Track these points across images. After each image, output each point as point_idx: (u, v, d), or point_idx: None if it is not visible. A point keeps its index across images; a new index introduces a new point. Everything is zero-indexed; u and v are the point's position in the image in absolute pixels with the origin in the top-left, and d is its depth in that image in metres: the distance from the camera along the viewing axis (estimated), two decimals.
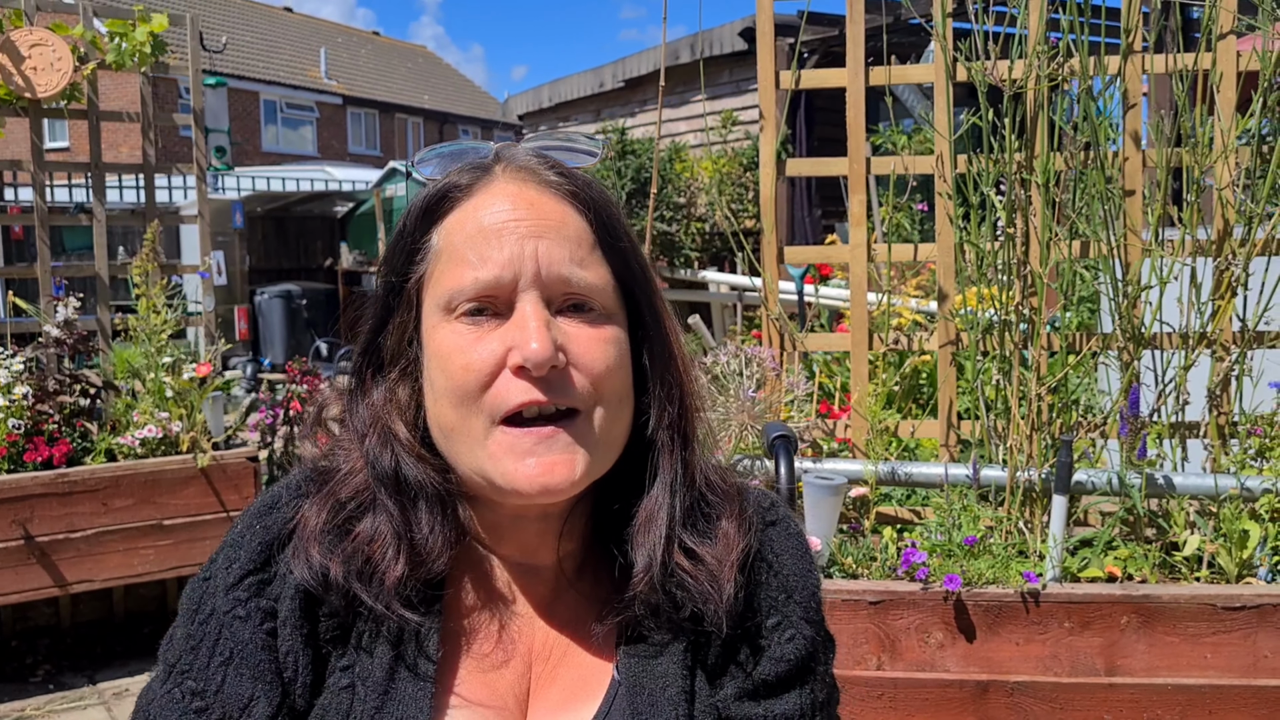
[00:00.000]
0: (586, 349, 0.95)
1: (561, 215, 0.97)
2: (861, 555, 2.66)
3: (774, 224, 3.16)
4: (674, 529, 0.99)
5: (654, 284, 1.04)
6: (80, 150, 20.60)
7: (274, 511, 1.01)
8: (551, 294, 0.95)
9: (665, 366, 1.02)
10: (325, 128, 31.61)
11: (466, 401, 0.94)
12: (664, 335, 1.02)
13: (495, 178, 0.99)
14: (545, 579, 1.04)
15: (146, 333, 4.33)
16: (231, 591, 0.96)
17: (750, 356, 2.95)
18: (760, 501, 1.10)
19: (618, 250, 1.00)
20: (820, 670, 1.05)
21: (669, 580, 0.98)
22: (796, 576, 1.05)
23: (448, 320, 0.96)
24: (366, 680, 0.95)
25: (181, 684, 0.95)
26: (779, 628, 1.03)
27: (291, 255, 15.72)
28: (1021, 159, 2.84)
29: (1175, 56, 2.84)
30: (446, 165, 1.02)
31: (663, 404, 1.01)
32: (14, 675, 4.19)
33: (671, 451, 1.01)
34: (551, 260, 0.94)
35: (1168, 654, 2.40)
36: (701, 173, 9.41)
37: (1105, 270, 2.84)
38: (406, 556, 0.96)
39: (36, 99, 4.46)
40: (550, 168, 1.00)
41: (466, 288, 0.94)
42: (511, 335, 0.93)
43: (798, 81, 3.14)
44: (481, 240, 0.95)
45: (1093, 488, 2.68)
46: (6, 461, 3.97)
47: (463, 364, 0.94)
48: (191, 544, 4.18)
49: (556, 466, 0.93)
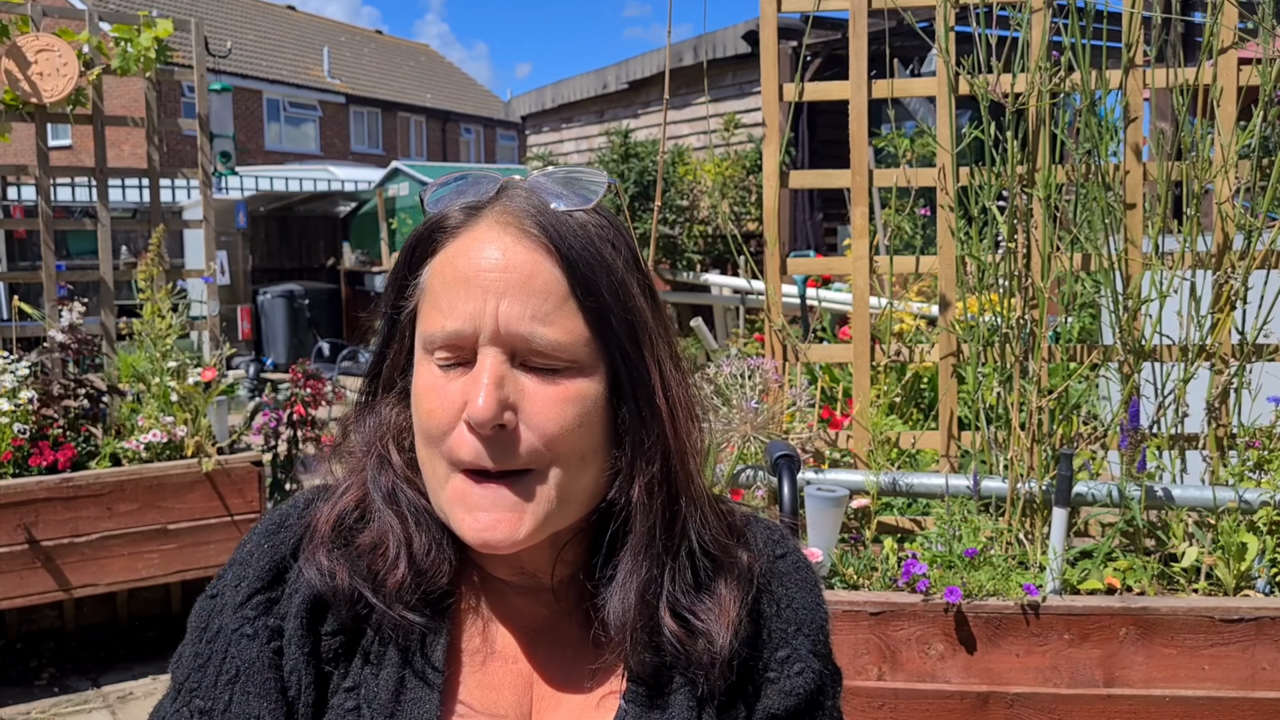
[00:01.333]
0: (540, 409, 0.93)
1: (532, 268, 0.94)
2: (863, 566, 2.67)
3: (777, 236, 3.18)
4: (651, 592, 0.98)
5: (642, 332, 0.99)
6: (83, 149, 20.63)
7: (282, 531, 1.03)
8: (511, 349, 0.94)
9: (644, 424, 0.98)
10: (328, 126, 31.64)
11: (430, 443, 0.95)
12: (648, 391, 0.98)
13: (481, 220, 0.97)
14: (545, 602, 1.05)
15: (151, 337, 4.35)
16: (239, 610, 0.98)
17: (753, 367, 2.96)
18: (770, 535, 1.10)
19: (593, 307, 0.95)
20: (829, 705, 1.06)
21: (656, 640, 0.98)
22: (805, 610, 1.06)
23: (427, 359, 0.97)
24: (372, 701, 0.96)
25: (190, 703, 0.96)
26: (788, 661, 1.03)
27: (294, 255, 15.75)
28: (1023, 172, 2.86)
29: (1176, 71, 2.85)
30: (453, 199, 1.00)
31: (637, 463, 0.98)
32: (19, 678, 4.21)
33: (649, 509, 0.98)
34: (511, 318, 0.92)
35: (1166, 666, 2.42)
36: (704, 176, 9.43)
37: (1105, 283, 2.85)
38: (408, 562, 0.97)
39: (42, 104, 4.48)
40: (532, 215, 0.96)
41: (436, 335, 0.95)
42: (468, 389, 0.93)
43: (801, 94, 3.15)
44: (454, 288, 0.94)
45: (1093, 499, 2.70)
46: (12, 466, 3.99)
47: (428, 408, 0.95)
48: (196, 548, 4.20)
49: (499, 524, 0.93)
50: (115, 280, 4.83)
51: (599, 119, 13.41)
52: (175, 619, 4.72)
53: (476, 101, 38.92)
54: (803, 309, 5.33)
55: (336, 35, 35.15)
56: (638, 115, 12.62)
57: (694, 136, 11.50)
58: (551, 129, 14.73)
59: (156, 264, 4.48)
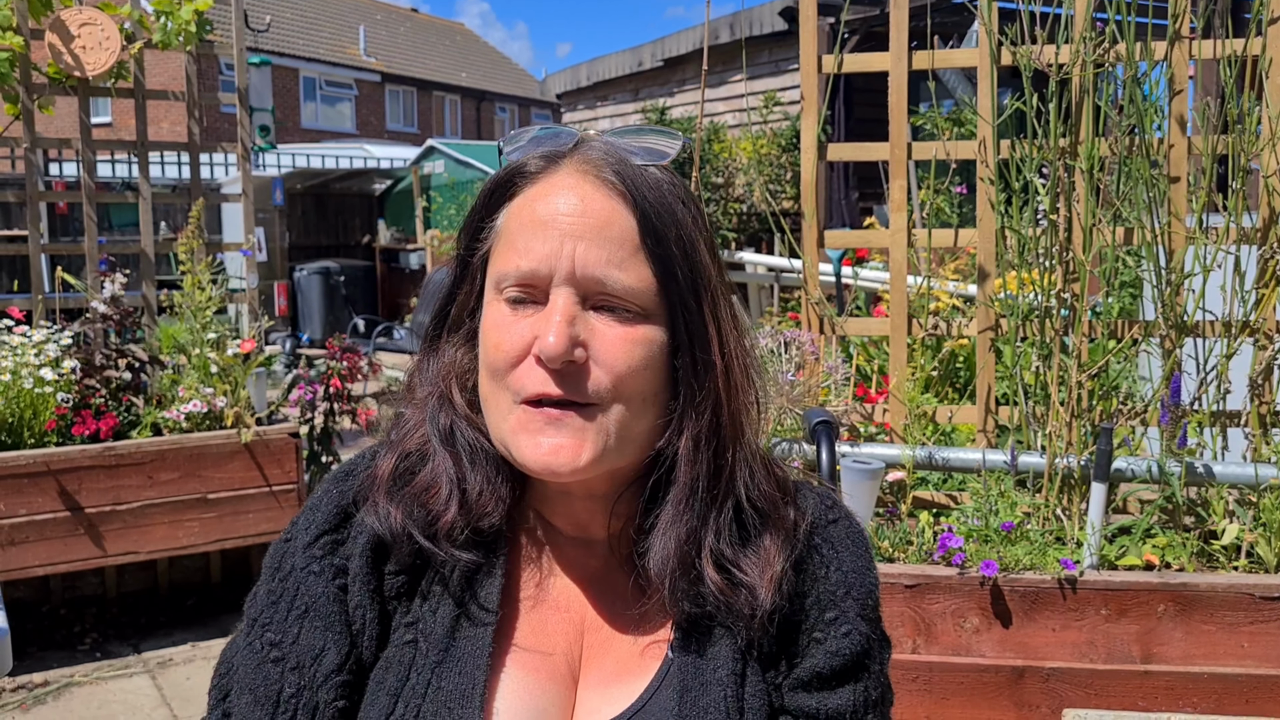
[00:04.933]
0: (610, 347, 0.97)
1: (609, 215, 0.98)
2: (898, 539, 2.67)
3: (815, 209, 3.16)
4: (692, 543, 1.00)
5: (704, 289, 1.02)
6: (122, 126, 20.81)
7: (350, 478, 1.08)
8: (586, 291, 0.97)
9: (699, 375, 1.00)
10: (364, 105, 31.75)
11: (496, 376, 0.99)
12: (705, 344, 1.01)
13: (560, 169, 1.01)
14: (598, 553, 1.08)
15: (192, 309, 4.40)
16: (308, 550, 1.03)
17: (789, 340, 2.96)
18: (823, 500, 1.12)
19: (661, 255, 0.99)
20: (875, 669, 1.06)
21: (698, 590, 1.00)
22: (855, 573, 1.07)
23: (497, 299, 1.00)
24: (429, 636, 1.00)
25: (262, 636, 1.01)
26: (835, 622, 1.04)
27: (330, 232, 15.84)
28: (1066, 144, 2.83)
29: (1224, 42, 2.81)
30: (529, 149, 1.05)
31: (687, 412, 1.01)
32: (63, 642, 4.29)
33: (694, 461, 1.00)
34: (588, 262, 0.96)
35: (1204, 642, 2.40)
36: (740, 154, 9.38)
37: (1149, 257, 2.82)
38: (459, 503, 1.01)
39: (85, 78, 4.53)
40: (611, 163, 1.01)
41: (510, 274, 0.98)
42: (539, 325, 0.96)
43: (840, 65, 3.13)
44: (531, 230, 0.98)
45: (1132, 475, 2.68)
46: (55, 434, 4.05)
47: (495, 342, 0.99)
48: (235, 517, 4.26)
49: (562, 449, 0.96)
50: (155, 254, 4.89)
51: (634, 97, 13.37)
52: (214, 588, 4.78)
53: (511, 80, 38.91)
54: (838, 286, 5.31)
55: (373, 14, 35.21)
56: (673, 93, 12.57)
57: (729, 114, 11.44)
58: (587, 107, 14.71)
59: (197, 237, 4.53)
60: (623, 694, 1.02)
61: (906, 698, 2.48)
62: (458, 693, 0.97)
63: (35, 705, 3.77)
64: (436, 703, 0.97)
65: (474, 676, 0.98)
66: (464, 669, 0.99)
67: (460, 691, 0.97)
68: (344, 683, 0.99)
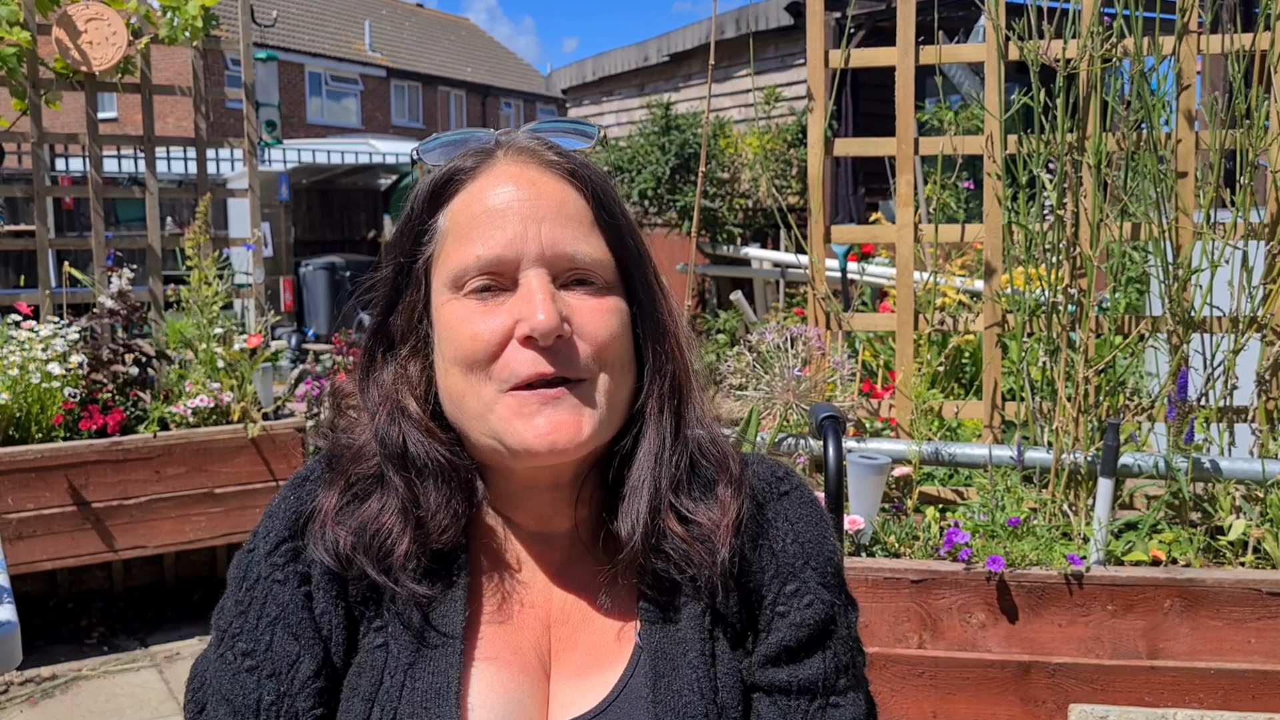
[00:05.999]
0: (590, 319, 0.99)
1: (562, 194, 1.02)
2: (904, 534, 2.67)
3: (821, 204, 3.16)
4: (659, 496, 1.02)
5: (648, 259, 1.07)
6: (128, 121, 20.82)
7: (305, 484, 1.08)
8: (556, 269, 0.99)
9: (657, 339, 1.05)
10: (369, 100, 31.75)
11: (474, 369, 0.98)
12: (657, 309, 1.06)
13: (498, 160, 1.03)
14: (560, 546, 1.08)
15: (198, 304, 4.41)
16: (270, 557, 1.03)
17: (796, 335, 2.96)
18: (775, 471, 1.12)
19: (614, 227, 1.04)
20: (842, 633, 1.07)
21: (662, 543, 1.02)
22: (812, 543, 1.08)
23: (456, 297, 1.00)
24: (399, 639, 1.00)
25: (233, 647, 1.01)
26: (797, 594, 1.05)
27: (335, 227, 15.83)
28: (1073, 139, 2.82)
29: (1232, 36, 2.80)
30: (450, 152, 1.06)
31: (652, 375, 1.04)
32: (70, 636, 4.30)
33: (660, 420, 1.04)
34: (556, 239, 0.99)
35: (1211, 638, 2.40)
36: (745, 149, 9.37)
37: (1156, 253, 2.81)
38: (412, 530, 1.01)
39: (92, 72, 4.53)
40: (549, 149, 1.04)
41: (471, 265, 0.99)
42: (518, 308, 0.97)
43: (847, 60, 3.13)
44: (486, 220, 0.99)
45: (1139, 471, 2.67)
46: (63, 429, 4.06)
47: (470, 334, 0.98)
48: (242, 512, 4.27)
49: (564, 425, 0.97)
50: (161, 249, 4.89)
51: (640, 92, 13.35)
52: (221, 582, 4.74)
53: (516, 76, 38.88)
54: (843, 282, 5.30)
55: (378, 9, 35.19)
56: (679, 88, 12.55)
57: (735, 109, 11.42)
58: (592, 102, 14.69)
59: (203, 232, 4.53)
60: (596, 685, 1.02)
61: (912, 693, 2.48)
62: (432, 691, 0.97)
63: (43, 699, 3.78)
64: (412, 703, 0.97)
65: (448, 674, 0.98)
66: (437, 668, 0.99)
67: (435, 690, 0.97)
68: (321, 689, 0.99)
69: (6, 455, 3.87)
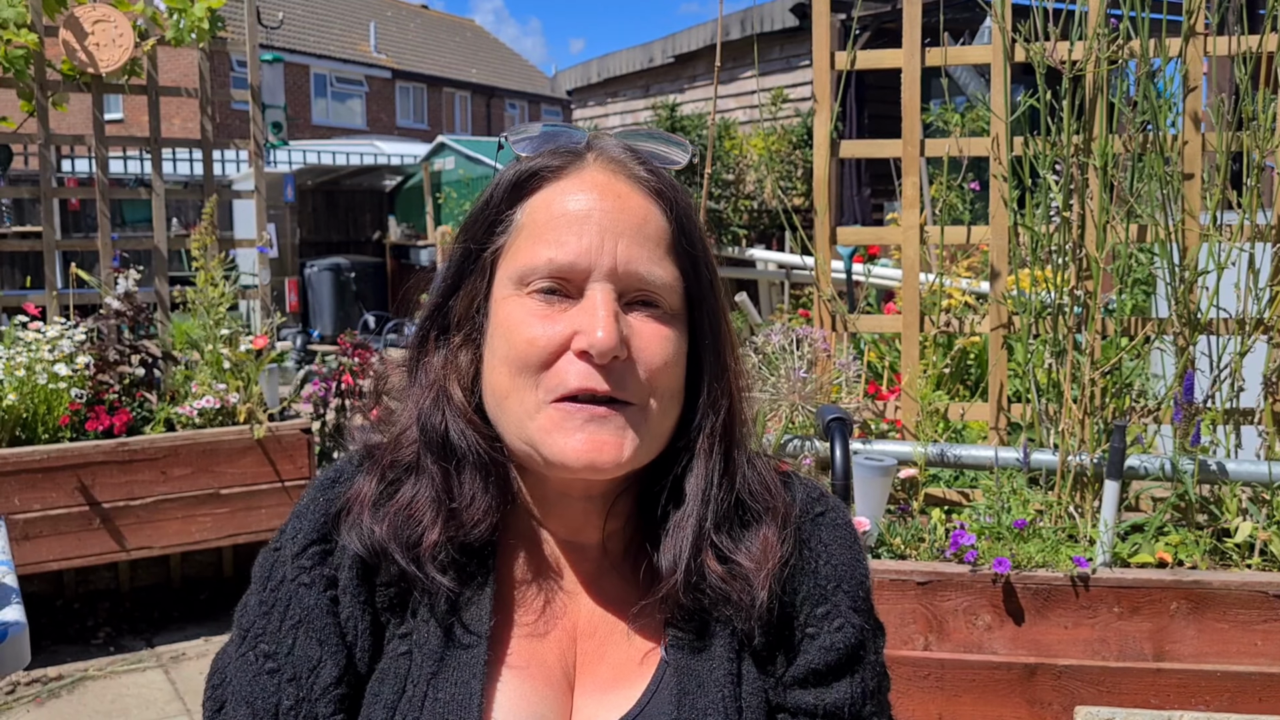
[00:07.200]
0: (648, 344, 0.97)
1: (645, 212, 0.99)
2: (910, 536, 2.67)
3: (827, 206, 3.16)
4: (703, 535, 1.00)
5: (720, 293, 1.05)
6: (134, 122, 20.86)
7: (336, 485, 1.06)
8: (624, 287, 0.97)
9: (715, 375, 1.03)
10: (374, 101, 31.81)
11: (524, 372, 0.97)
12: (719, 345, 1.04)
13: (586, 165, 1.01)
14: (591, 557, 1.07)
15: (205, 305, 4.41)
16: (297, 560, 1.01)
17: (801, 336, 2.96)
18: (810, 492, 1.11)
19: (690, 255, 1.01)
20: (870, 659, 1.06)
21: (701, 582, 1.00)
22: (845, 566, 1.06)
23: (519, 294, 0.98)
24: (423, 646, 0.99)
25: (255, 647, 0.99)
26: (828, 616, 1.04)
27: (340, 228, 15.86)
28: (1079, 141, 2.82)
29: (1239, 38, 2.80)
30: (540, 145, 1.03)
31: (705, 410, 1.02)
32: (76, 636, 4.31)
33: (709, 457, 1.02)
34: (630, 258, 0.97)
35: (1217, 640, 2.39)
36: (751, 150, 9.37)
37: (1162, 254, 2.81)
38: (444, 521, 0.99)
39: (98, 74, 4.54)
40: (641, 163, 1.02)
41: (541, 266, 0.97)
42: (579, 320, 0.95)
43: (853, 62, 3.13)
44: (564, 223, 0.97)
45: (1145, 473, 2.67)
46: (69, 430, 4.07)
47: (528, 337, 0.96)
48: (248, 513, 4.27)
49: (605, 446, 0.95)
50: (168, 250, 4.90)
51: (644, 93, 13.36)
52: (227, 582, 4.80)
53: (521, 77, 38.92)
54: (848, 283, 5.30)
55: (383, 10, 35.24)
56: (683, 90, 12.56)
57: (740, 111, 11.42)
58: (597, 103, 14.70)
59: (209, 233, 4.54)
60: (620, 700, 1.01)
61: (918, 695, 2.48)
62: (455, 703, 0.96)
63: (50, 699, 3.79)
64: (434, 714, 0.96)
65: (470, 686, 0.97)
66: (460, 679, 0.97)
67: (457, 702, 0.96)
68: (342, 696, 0.98)
69: (13, 456, 3.88)
